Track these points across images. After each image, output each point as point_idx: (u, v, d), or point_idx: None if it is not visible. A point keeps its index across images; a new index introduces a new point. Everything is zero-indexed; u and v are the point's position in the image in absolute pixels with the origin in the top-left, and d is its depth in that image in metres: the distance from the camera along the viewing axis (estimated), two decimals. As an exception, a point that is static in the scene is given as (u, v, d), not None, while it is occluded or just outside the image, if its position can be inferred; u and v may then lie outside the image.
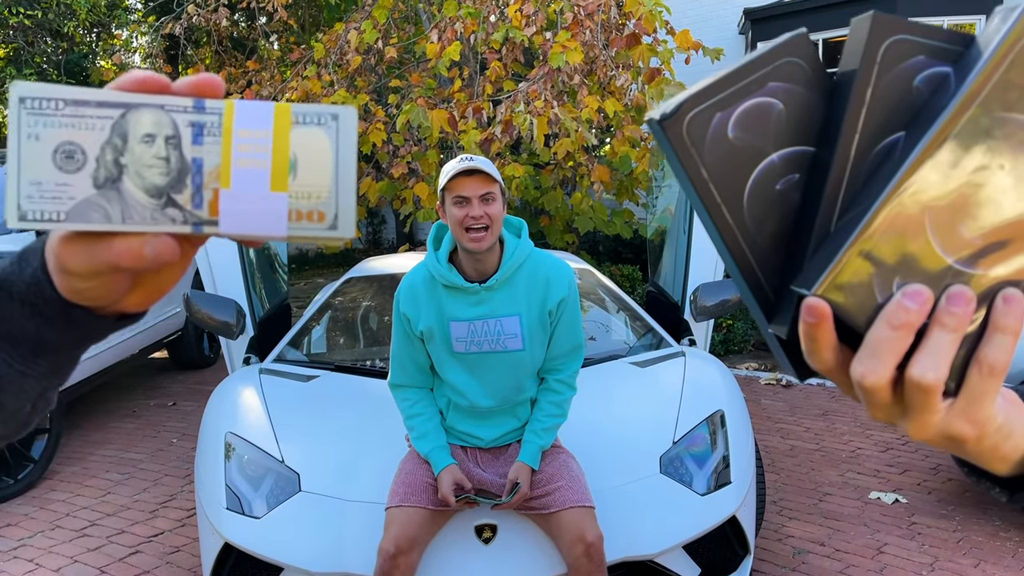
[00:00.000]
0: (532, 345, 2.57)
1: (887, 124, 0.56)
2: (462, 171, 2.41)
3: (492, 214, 2.43)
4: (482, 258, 2.49)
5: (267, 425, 3.12)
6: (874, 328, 0.53)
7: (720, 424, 3.12)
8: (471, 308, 2.52)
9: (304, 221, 0.56)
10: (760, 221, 0.56)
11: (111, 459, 5.38)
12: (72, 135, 0.54)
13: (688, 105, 0.54)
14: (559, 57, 6.50)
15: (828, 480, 4.66)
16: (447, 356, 2.59)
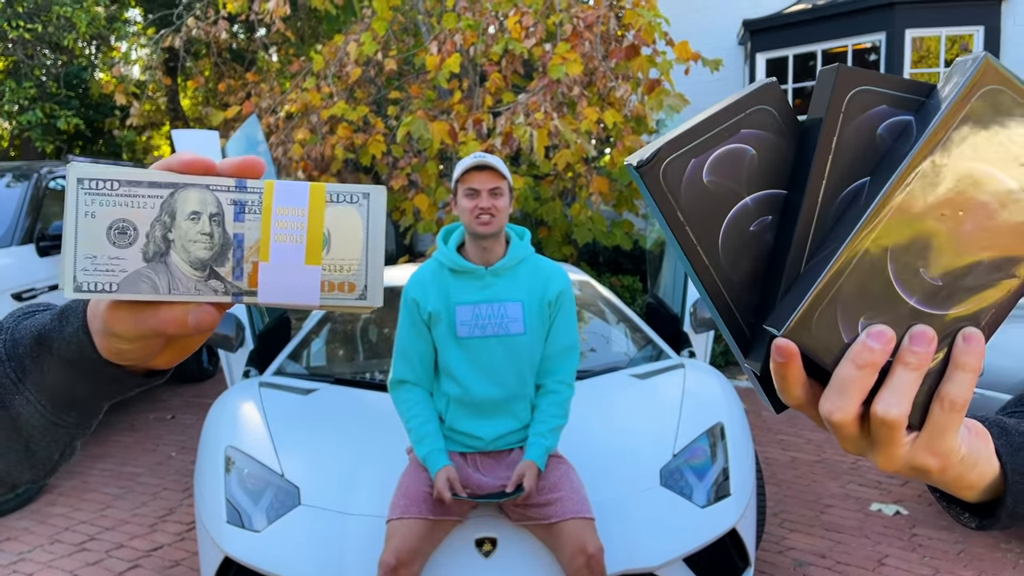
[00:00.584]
0: (532, 332, 2.68)
1: (852, 170, 0.59)
2: (475, 166, 2.61)
3: (499, 206, 2.62)
4: (488, 246, 2.66)
5: (267, 438, 3.11)
6: (840, 367, 0.55)
7: (720, 436, 3.12)
8: (477, 292, 2.65)
9: (336, 292, 0.61)
10: (734, 261, 0.59)
11: (110, 473, 5.37)
12: (125, 213, 0.59)
13: (664, 152, 0.57)
14: (559, 69, 6.52)
15: (829, 492, 4.65)
16: (451, 342, 2.67)
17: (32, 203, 5.53)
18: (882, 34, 8.25)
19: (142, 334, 0.61)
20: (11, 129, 11.04)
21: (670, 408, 3.24)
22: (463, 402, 2.67)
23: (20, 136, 12.07)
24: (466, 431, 2.69)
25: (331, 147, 7.43)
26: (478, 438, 2.69)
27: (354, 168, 8.94)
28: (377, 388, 3.51)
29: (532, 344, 2.69)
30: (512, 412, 2.70)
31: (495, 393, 2.66)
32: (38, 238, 5.37)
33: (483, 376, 2.65)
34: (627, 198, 8.03)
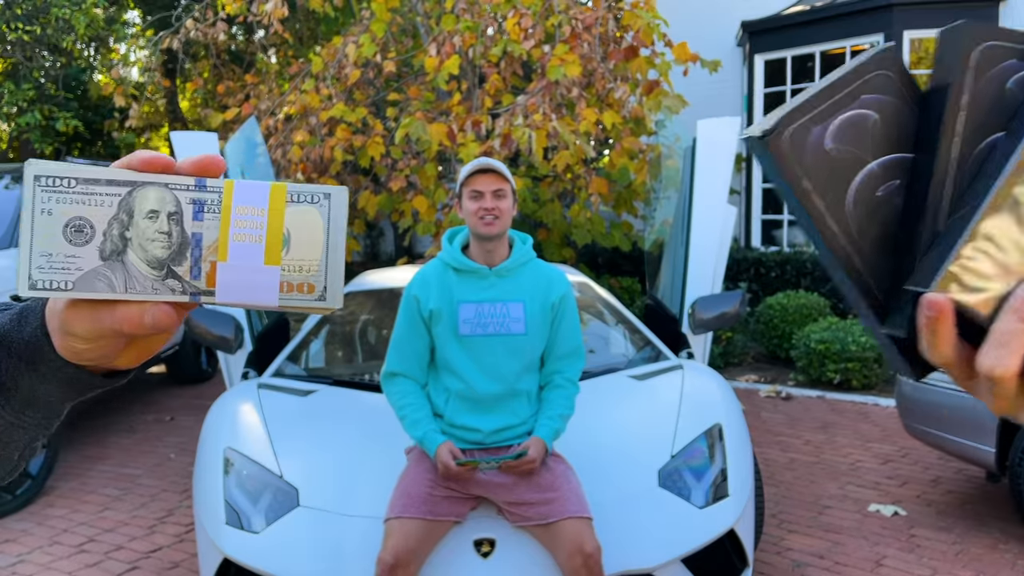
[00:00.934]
0: (533, 332, 2.72)
1: (985, 126, 0.58)
2: (479, 169, 2.68)
3: (502, 208, 2.67)
4: (492, 248, 2.71)
5: (266, 440, 3.11)
6: (1001, 320, 0.52)
7: (718, 437, 3.12)
8: (480, 291, 2.71)
9: (295, 292, 0.60)
10: (863, 227, 0.58)
11: (109, 474, 5.37)
12: (82, 211, 0.58)
13: (786, 121, 0.57)
14: (557, 70, 6.52)
15: (828, 493, 4.66)
16: (451, 339, 2.70)
17: (31, 205, 5.54)
18: (880, 35, 8.26)
19: (99, 333, 0.60)
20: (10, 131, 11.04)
21: (668, 409, 3.25)
22: (464, 396, 2.70)
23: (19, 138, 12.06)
24: (465, 424, 2.71)
25: (330, 149, 7.43)
26: (476, 430, 2.71)
27: (353, 170, 8.94)
28: (376, 389, 3.51)
29: (533, 344, 2.73)
30: (511, 408, 2.73)
31: (496, 388, 2.70)
32: (37, 240, 5.38)
33: (484, 372, 2.69)
34: (626, 199, 8.04)
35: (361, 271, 14.01)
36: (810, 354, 6.98)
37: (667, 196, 8.32)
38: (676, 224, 4.73)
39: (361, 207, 7.81)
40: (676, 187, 7.33)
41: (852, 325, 6.98)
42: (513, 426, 2.74)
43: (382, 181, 8.16)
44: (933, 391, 4.14)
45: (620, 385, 3.50)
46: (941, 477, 4.85)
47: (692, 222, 4.32)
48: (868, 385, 6.91)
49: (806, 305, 7.73)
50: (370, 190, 8.07)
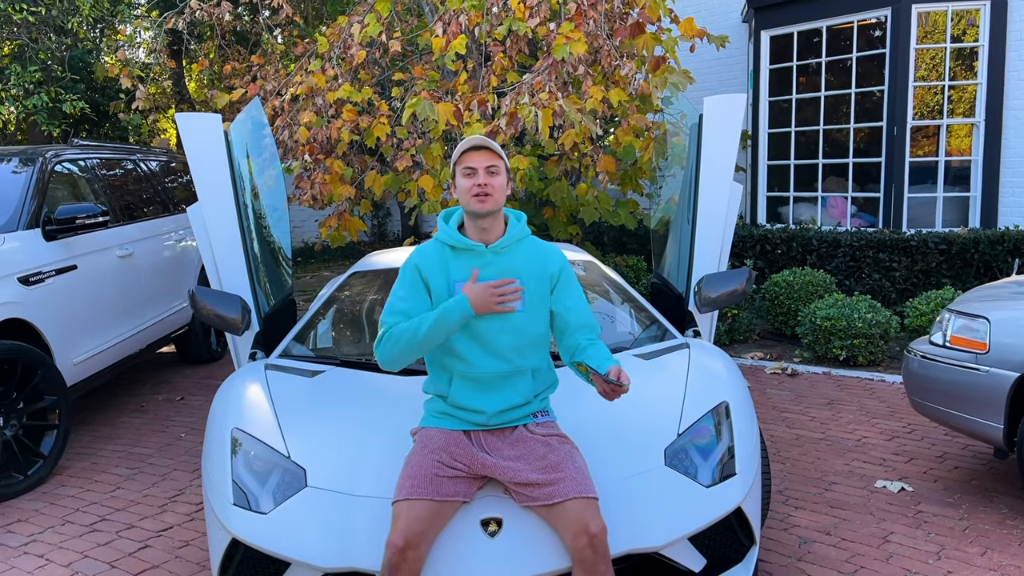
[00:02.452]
0: (531, 309, 2.78)
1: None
2: (472, 147, 2.72)
3: (495, 184, 2.71)
4: (487, 225, 2.75)
5: (273, 420, 3.13)
6: None
7: (725, 415, 3.13)
8: (478, 271, 2.72)
9: None
10: None
11: (120, 454, 5.41)
12: None
13: None
14: (563, 48, 6.49)
15: (834, 469, 4.67)
16: None
17: (38, 187, 5.55)
18: (887, 9, 8.19)
19: None
20: (18, 113, 11.04)
21: (675, 388, 3.25)
22: (467, 377, 2.74)
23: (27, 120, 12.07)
24: (469, 405, 2.74)
25: (336, 130, 7.42)
26: (480, 411, 2.74)
27: (359, 150, 8.94)
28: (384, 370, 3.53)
29: (530, 321, 2.77)
30: (514, 387, 2.76)
31: (498, 367, 2.74)
32: (44, 222, 5.39)
33: (484, 351, 2.73)
34: (631, 177, 8.02)
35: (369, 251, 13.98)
36: (816, 331, 6.98)
37: (671, 174, 8.30)
38: (682, 201, 4.72)
39: (368, 187, 7.81)
40: (682, 165, 7.31)
41: (858, 302, 6.96)
42: (517, 405, 2.76)
43: (388, 161, 8.15)
44: (940, 367, 4.14)
45: (626, 364, 3.50)
46: (948, 453, 4.85)
47: (698, 199, 4.31)
48: (874, 361, 6.90)
49: (812, 282, 7.71)
50: (376, 170, 8.06)
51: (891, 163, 8.26)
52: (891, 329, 6.83)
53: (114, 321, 6.10)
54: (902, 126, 8.15)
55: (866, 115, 8.60)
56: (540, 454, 2.66)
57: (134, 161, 7.45)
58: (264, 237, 4.60)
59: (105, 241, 6.09)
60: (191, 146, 4.23)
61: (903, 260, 7.94)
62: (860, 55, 8.54)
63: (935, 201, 8.29)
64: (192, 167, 4.21)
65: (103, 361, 5.93)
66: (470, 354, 2.73)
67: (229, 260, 4.18)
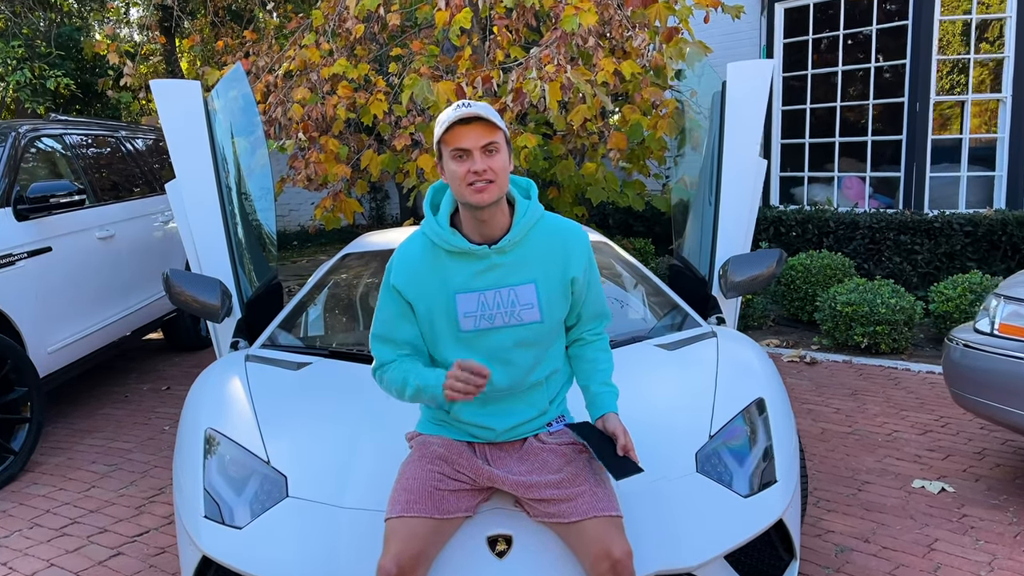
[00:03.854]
0: (550, 316, 2.30)
1: None
2: (459, 119, 2.12)
3: (496, 167, 2.15)
4: (488, 218, 2.22)
5: (252, 419, 2.78)
6: None
7: (760, 413, 2.78)
8: (480, 276, 2.25)
9: None
10: None
11: (98, 449, 5.06)
12: None
13: None
14: (572, 20, 6.11)
15: (865, 467, 4.32)
16: (450, 338, 2.29)
17: (9, 164, 5.18)
18: (910, -20, 7.80)
19: None
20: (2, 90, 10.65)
21: (704, 383, 2.90)
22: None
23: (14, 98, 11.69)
24: (475, 422, 2.33)
25: (332, 107, 7.05)
26: (488, 429, 2.34)
27: (356, 129, 8.58)
28: (376, 361, 3.18)
29: (550, 329, 2.32)
30: (527, 400, 2.36)
31: (508, 381, 2.30)
32: (15, 201, 5.02)
33: (492, 367, 2.29)
34: (639, 156, 7.65)
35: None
36: (836, 317, 6.63)
37: (681, 154, 7.93)
38: (703, 177, 4.35)
39: (364, 167, 7.44)
40: (693, 144, 6.95)
41: (880, 286, 6.61)
42: (530, 419, 2.37)
43: (385, 140, 7.78)
44: (988, 357, 3.78)
45: (647, 356, 3.14)
46: (987, 449, 4.50)
47: (722, 174, 3.94)
48: (897, 349, 6.55)
49: (830, 265, 7.35)
50: (373, 149, 7.70)
51: (913, 141, 7.88)
52: (915, 315, 6.47)
53: (94, 307, 5.74)
54: (925, 102, 7.76)
55: (886, 91, 8.21)
56: (555, 466, 2.29)
57: (118, 139, 7.08)
58: (247, 216, 4.24)
59: (84, 222, 5.73)
60: (167, 116, 3.87)
61: (926, 242, 7.57)
62: (880, 27, 8.15)
63: (958, 181, 7.91)
64: (169, 139, 3.85)
65: (81, 349, 5.58)
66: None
67: (209, 241, 3.82)
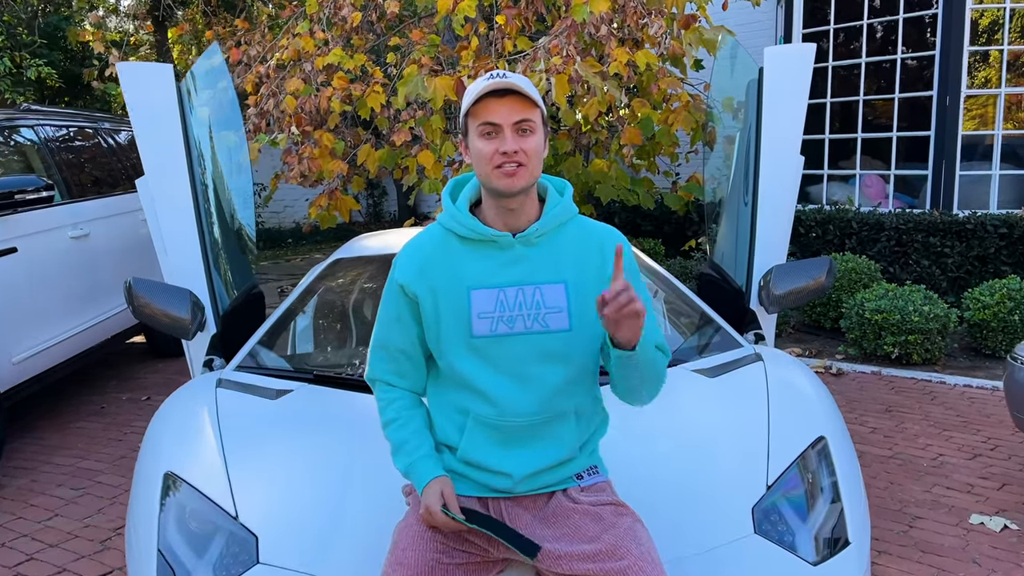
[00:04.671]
0: (582, 326, 1.87)
1: None
2: (492, 91, 1.77)
3: (529, 149, 1.78)
4: (516, 207, 1.85)
5: (219, 463, 2.33)
6: None
7: (824, 457, 2.34)
8: (501, 270, 1.86)
9: None
10: None
11: (66, 469, 4.62)
12: None
13: None
14: (582, 8, 5.67)
15: (914, 498, 3.88)
16: (461, 343, 1.85)
17: (-30, 157, 4.73)
18: (940, -33, 7.36)
19: None
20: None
21: (754, 418, 2.46)
22: (487, 424, 1.85)
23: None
24: (487, 465, 1.87)
25: (326, 99, 6.61)
26: (504, 475, 1.87)
27: (352, 123, 8.14)
28: (368, 389, 2.73)
29: (582, 343, 1.87)
30: (552, 438, 1.89)
31: (532, 410, 1.84)
32: (-25, 197, 4.58)
33: (513, 384, 1.84)
34: (649, 152, 7.22)
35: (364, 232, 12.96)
36: (864, 325, 6.19)
37: (695, 150, 7.50)
38: (736, 177, 3.91)
39: (361, 163, 7.00)
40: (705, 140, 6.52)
41: (911, 292, 6.17)
42: (556, 464, 1.90)
43: (384, 134, 7.35)
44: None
45: (685, 384, 2.70)
46: (1046, 478, 4.08)
47: (760, 173, 3.50)
48: (930, 360, 6.11)
49: (855, 269, 6.91)
50: (371, 144, 7.26)
51: (941, 137, 7.44)
52: (950, 323, 6.03)
53: (66, 312, 5.30)
54: (955, 95, 7.32)
55: (913, 84, 7.77)
56: (591, 533, 1.82)
57: (99, 131, 6.63)
58: (224, 217, 3.79)
59: (54, 220, 5.28)
60: (135, 103, 3.43)
61: (956, 245, 7.13)
62: (907, 16, 7.70)
63: (990, 180, 7.47)
64: (136, 130, 3.41)
65: (53, 358, 5.14)
66: (493, 390, 1.84)
67: (181, 245, 3.38)
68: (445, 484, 1.82)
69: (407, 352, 1.94)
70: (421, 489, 1.83)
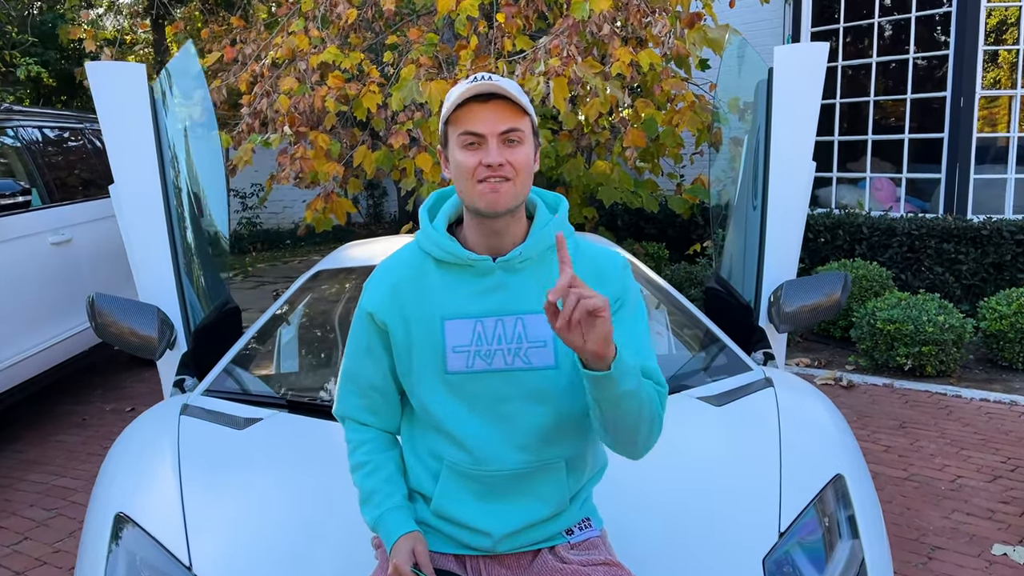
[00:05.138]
0: (570, 362, 1.62)
1: None
2: (475, 95, 1.53)
3: (517, 162, 1.54)
4: (501, 229, 1.60)
5: (176, 504, 2.12)
6: None
7: (842, 497, 2.12)
8: (479, 298, 1.61)
9: None
10: None
11: (40, 488, 4.41)
12: None
13: None
14: (583, 6, 5.46)
15: (932, 525, 3.66)
16: (436, 381, 1.62)
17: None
18: (953, -36, 7.13)
19: None
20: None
21: (765, 453, 2.24)
22: (462, 473, 1.62)
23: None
24: (463, 521, 1.64)
25: (321, 99, 6.40)
26: (483, 533, 1.64)
27: (348, 123, 7.94)
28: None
29: (569, 383, 1.62)
30: (538, 491, 1.65)
31: (515, 459, 1.61)
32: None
33: (491, 430, 1.61)
34: (652, 154, 7.00)
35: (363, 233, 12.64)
36: (875, 335, 5.96)
37: (699, 151, 7.29)
38: (744, 183, 3.68)
39: (358, 164, 6.79)
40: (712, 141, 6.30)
41: (925, 301, 5.94)
42: (542, 520, 1.67)
43: (381, 135, 7.14)
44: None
45: (689, 413, 2.48)
46: (1071, 503, 3.85)
47: (769, 180, 3.28)
48: (944, 372, 5.89)
49: (865, 276, 6.68)
50: (367, 145, 7.05)
51: (955, 139, 7.20)
52: (966, 334, 5.80)
53: (46, 320, 5.09)
54: (970, 96, 7.09)
55: (926, 84, 7.54)
56: None
57: (84, 132, 6.43)
58: (199, 225, 3.58)
59: (32, 225, 5.07)
60: (104, 105, 3.22)
61: (971, 251, 6.89)
62: (920, 14, 7.47)
63: (1005, 183, 7.24)
64: (106, 133, 3.20)
65: (30, 369, 4.94)
66: (469, 436, 1.61)
67: (151, 256, 3.17)
68: (417, 541, 1.61)
69: (379, 387, 1.71)
70: (390, 547, 1.61)
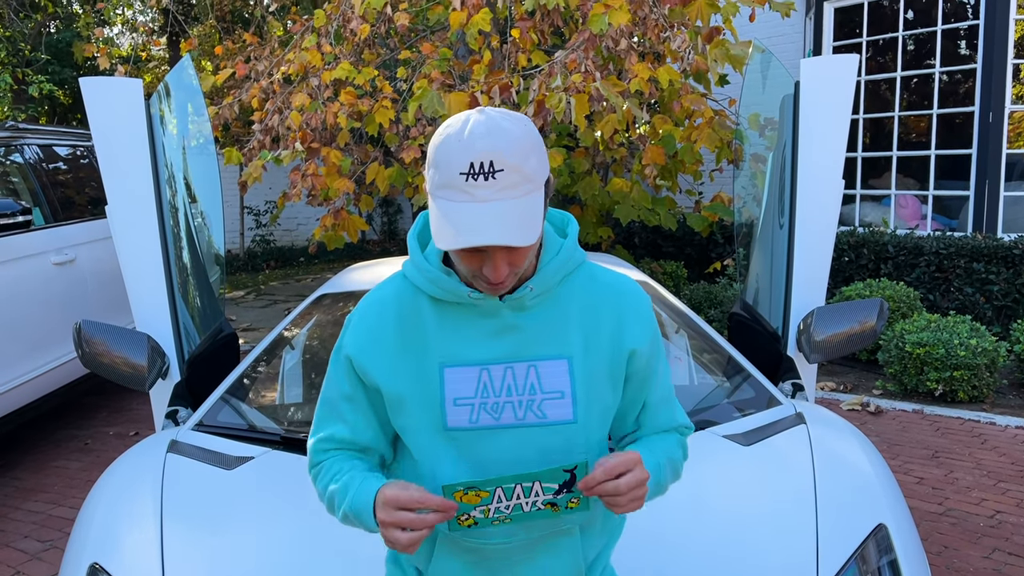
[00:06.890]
0: (589, 415, 1.38)
1: None
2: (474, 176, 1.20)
3: (523, 260, 1.28)
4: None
5: (155, 554, 1.94)
6: None
7: (884, 550, 1.92)
8: (484, 342, 1.36)
9: None
10: None
11: (37, 517, 4.26)
12: None
13: None
14: (601, 20, 5.30)
15: (973, 566, 3.44)
16: (435, 437, 1.38)
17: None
18: (981, -24, 6.93)
19: None
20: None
21: (799, 500, 2.04)
22: (464, 546, 1.41)
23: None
24: None
25: (333, 115, 6.27)
26: None
27: (361, 139, 7.82)
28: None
29: (590, 440, 1.39)
30: (552, 561, 1.43)
31: (522, 531, 1.39)
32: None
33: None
34: (671, 171, 6.83)
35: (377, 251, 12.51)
36: (904, 359, 5.74)
37: (720, 167, 7.11)
38: (771, 204, 3.49)
39: (371, 181, 6.66)
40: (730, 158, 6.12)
41: (956, 324, 5.72)
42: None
43: (393, 151, 7.01)
44: None
45: (714, 453, 2.28)
46: (1119, 541, 3.62)
47: (796, 201, 3.10)
48: (977, 398, 5.66)
49: (892, 297, 6.46)
50: (379, 161, 6.92)
51: (984, 155, 6.98)
52: (999, 358, 5.58)
53: (46, 343, 4.95)
54: (999, 112, 6.88)
55: (953, 99, 7.33)
56: None
57: (90, 150, 6.31)
58: (195, 249, 3.42)
59: (34, 245, 4.94)
60: (98, 123, 3.07)
61: (1003, 271, 6.66)
62: (946, 27, 7.27)
63: (1035, 202, 7.01)
64: (99, 152, 3.05)
65: (29, 393, 4.79)
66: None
67: (144, 280, 3.01)
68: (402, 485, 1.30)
69: (362, 444, 1.46)
70: (371, 506, 1.31)
